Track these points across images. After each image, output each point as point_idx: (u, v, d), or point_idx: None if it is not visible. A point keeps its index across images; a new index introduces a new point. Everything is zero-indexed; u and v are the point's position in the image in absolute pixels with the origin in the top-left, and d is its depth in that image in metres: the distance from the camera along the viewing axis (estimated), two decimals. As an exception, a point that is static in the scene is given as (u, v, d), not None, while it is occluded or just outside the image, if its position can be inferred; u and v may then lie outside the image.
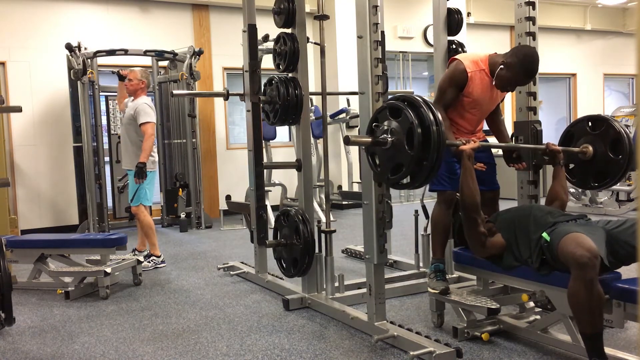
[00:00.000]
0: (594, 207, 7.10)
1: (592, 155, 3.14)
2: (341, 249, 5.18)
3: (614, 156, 3.08)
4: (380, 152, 2.58)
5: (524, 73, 2.95)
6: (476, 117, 3.22)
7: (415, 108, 2.47)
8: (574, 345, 2.59)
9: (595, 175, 3.20)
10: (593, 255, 2.28)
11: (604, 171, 3.15)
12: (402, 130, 2.47)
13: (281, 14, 3.72)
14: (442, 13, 3.74)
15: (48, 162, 7.09)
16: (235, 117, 8.68)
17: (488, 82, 3.08)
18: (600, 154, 3.12)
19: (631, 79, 12.33)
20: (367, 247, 2.95)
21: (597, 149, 3.13)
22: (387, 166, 2.56)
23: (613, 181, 3.14)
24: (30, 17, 6.95)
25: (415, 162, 2.42)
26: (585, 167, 3.21)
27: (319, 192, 7.20)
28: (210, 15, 8.03)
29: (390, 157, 2.54)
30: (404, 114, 2.47)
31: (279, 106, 3.65)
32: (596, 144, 3.14)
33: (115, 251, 4.26)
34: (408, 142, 2.44)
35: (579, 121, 3.32)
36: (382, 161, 2.59)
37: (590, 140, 3.17)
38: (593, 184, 3.25)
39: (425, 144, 2.40)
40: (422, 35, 9.24)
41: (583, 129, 3.23)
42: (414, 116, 2.43)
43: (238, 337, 3.13)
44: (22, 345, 3.15)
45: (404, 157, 2.46)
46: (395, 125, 2.50)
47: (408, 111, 2.46)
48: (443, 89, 3.13)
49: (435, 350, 2.59)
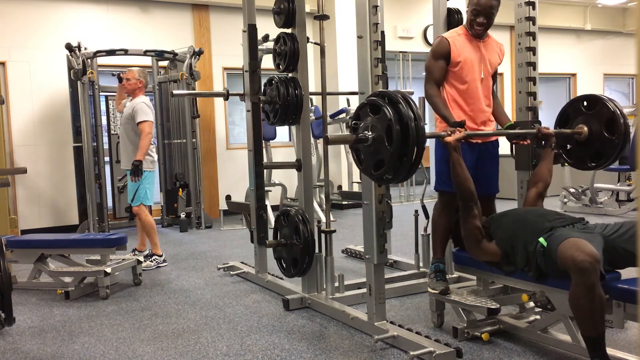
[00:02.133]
0: (593, 207, 7.10)
1: (587, 135, 3.12)
2: (341, 249, 5.18)
3: (609, 136, 3.06)
4: (363, 149, 2.58)
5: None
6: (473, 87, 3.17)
7: (394, 104, 2.46)
8: (574, 345, 2.59)
9: (592, 156, 3.17)
10: (594, 259, 2.25)
11: (599, 151, 3.13)
12: (381, 126, 2.47)
13: (281, 14, 3.73)
14: (442, 13, 3.75)
15: (48, 162, 7.08)
16: (235, 117, 8.68)
17: (471, 41, 3.17)
18: (596, 134, 3.10)
19: (631, 79, 12.33)
20: (367, 247, 2.95)
21: (593, 129, 3.11)
22: (370, 162, 2.55)
23: (609, 161, 3.12)
24: (30, 17, 6.95)
25: (395, 157, 2.42)
26: (582, 148, 3.18)
27: (319, 192, 7.20)
28: (210, 15, 8.03)
29: (372, 154, 2.53)
30: (382, 110, 2.47)
31: (279, 106, 3.65)
32: (591, 123, 3.12)
33: (115, 251, 4.26)
34: (387, 139, 2.44)
35: (574, 101, 3.29)
36: (365, 157, 2.59)
37: (586, 120, 3.14)
38: (590, 164, 3.20)
39: (404, 140, 2.39)
40: (422, 35, 9.24)
41: (578, 109, 3.20)
42: (393, 112, 2.44)
43: (238, 337, 3.13)
44: (22, 345, 3.15)
45: (384, 153, 2.46)
46: (375, 122, 2.50)
47: (387, 107, 2.45)
48: (430, 66, 3.19)
49: (435, 350, 2.59)
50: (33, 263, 4.28)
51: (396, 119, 2.41)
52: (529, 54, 3.34)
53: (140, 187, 4.89)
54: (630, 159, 6.41)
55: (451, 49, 3.12)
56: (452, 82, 3.18)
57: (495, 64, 3.30)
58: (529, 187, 3.11)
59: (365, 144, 2.51)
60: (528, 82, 3.37)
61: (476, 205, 2.81)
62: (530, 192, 3.08)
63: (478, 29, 3.14)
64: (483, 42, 3.23)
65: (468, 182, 2.81)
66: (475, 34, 3.17)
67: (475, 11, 3.11)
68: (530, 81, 3.37)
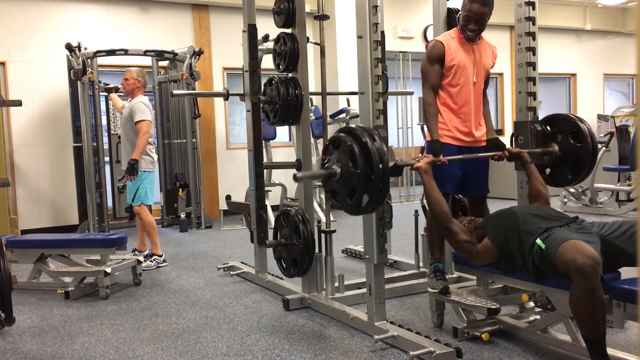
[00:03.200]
0: (593, 207, 7.10)
1: (558, 151, 3.21)
2: (341, 249, 5.18)
3: (580, 144, 3.16)
4: (335, 184, 2.64)
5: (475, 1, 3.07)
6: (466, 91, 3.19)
7: (351, 132, 2.57)
8: (574, 345, 2.59)
9: (571, 169, 3.25)
10: (595, 262, 2.24)
11: (576, 161, 3.21)
12: (344, 155, 2.56)
13: (281, 14, 3.72)
14: (442, 13, 3.74)
15: (48, 162, 7.09)
16: (235, 117, 8.68)
17: (464, 44, 3.19)
18: (567, 147, 3.20)
19: (631, 79, 12.33)
20: (367, 247, 2.95)
21: (562, 144, 3.21)
22: (344, 193, 2.61)
23: (587, 169, 3.20)
24: (30, 17, 6.95)
25: (363, 178, 2.48)
26: (558, 165, 3.26)
27: (319, 192, 7.20)
28: (210, 15, 8.03)
29: (343, 185, 2.60)
30: (342, 140, 2.59)
31: (279, 106, 3.65)
32: (559, 140, 3.23)
33: (115, 251, 4.26)
34: (352, 162, 2.52)
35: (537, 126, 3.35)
36: (340, 191, 2.64)
37: (552, 139, 3.25)
38: (570, 177, 3.27)
39: (367, 159, 2.47)
40: (422, 35, 9.24)
41: (542, 133, 3.29)
42: (351, 138, 2.54)
43: (238, 337, 3.13)
44: (22, 345, 3.15)
45: (353, 179, 2.54)
46: (339, 154, 2.60)
47: (346, 137, 2.57)
48: (426, 70, 3.22)
49: (435, 350, 2.59)
50: (33, 263, 4.28)
51: (355, 142, 2.51)
52: (529, 54, 3.34)
53: (140, 186, 4.90)
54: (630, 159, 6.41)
55: (446, 53, 3.15)
56: (444, 85, 3.21)
57: (488, 67, 3.32)
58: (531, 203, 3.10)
59: (335, 178, 2.59)
60: (528, 82, 3.37)
61: (453, 224, 2.83)
62: None
63: (470, 34, 3.17)
64: (476, 44, 3.24)
65: (441, 204, 2.84)
66: (468, 38, 3.19)
67: (467, 17, 3.14)
68: (530, 81, 3.36)
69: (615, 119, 9.76)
